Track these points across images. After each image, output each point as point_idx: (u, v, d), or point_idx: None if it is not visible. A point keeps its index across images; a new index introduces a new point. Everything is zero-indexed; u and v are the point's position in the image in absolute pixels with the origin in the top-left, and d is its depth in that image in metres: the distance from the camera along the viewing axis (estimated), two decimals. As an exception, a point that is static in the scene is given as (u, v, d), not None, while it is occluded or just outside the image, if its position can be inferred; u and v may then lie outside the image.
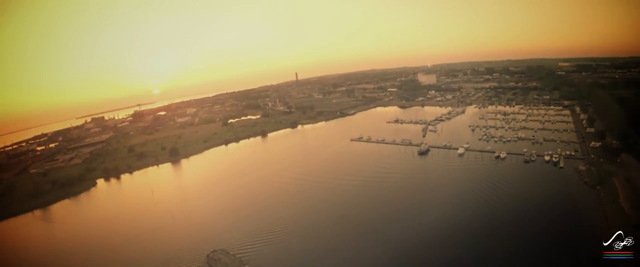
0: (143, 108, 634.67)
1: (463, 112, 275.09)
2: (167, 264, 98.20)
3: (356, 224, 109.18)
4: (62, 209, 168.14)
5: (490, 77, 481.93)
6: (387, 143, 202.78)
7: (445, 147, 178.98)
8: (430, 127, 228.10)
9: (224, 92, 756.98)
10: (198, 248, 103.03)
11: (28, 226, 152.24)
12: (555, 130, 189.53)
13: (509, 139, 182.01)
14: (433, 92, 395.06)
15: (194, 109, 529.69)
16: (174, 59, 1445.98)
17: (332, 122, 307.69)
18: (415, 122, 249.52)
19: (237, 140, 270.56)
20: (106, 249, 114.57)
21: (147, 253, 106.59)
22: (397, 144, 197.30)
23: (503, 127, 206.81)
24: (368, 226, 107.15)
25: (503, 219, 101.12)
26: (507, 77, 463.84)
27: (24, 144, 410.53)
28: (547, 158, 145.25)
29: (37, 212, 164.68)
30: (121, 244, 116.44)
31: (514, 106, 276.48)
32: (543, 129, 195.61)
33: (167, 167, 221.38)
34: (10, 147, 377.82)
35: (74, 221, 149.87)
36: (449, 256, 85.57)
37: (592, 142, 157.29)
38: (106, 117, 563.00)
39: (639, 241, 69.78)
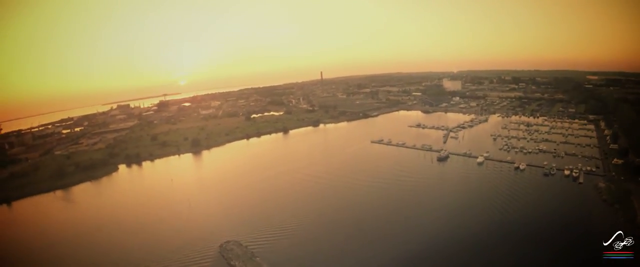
0: (168, 98, 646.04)
1: (486, 120, 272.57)
2: (181, 250, 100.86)
3: (373, 226, 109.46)
4: (83, 191, 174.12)
5: (516, 86, 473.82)
6: (407, 147, 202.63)
7: (465, 154, 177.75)
8: (451, 134, 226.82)
9: (249, 87, 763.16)
10: (212, 237, 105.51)
11: (49, 205, 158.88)
12: (578, 144, 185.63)
13: (530, 150, 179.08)
14: (457, 98, 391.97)
15: (218, 102, 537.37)
16: (202, 52, 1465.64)
17: (354, 123, 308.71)
18: (437, 128, 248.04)
19: (258, 135, 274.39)
20: (123, 231, 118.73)
21: (163, 238, 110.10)
22: (417, 148, 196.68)
23: (525, 138, 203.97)
24: (384, 228, 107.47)
25: (513, 228, 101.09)
26: (533, 87, 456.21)
27: (50, 126, 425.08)
28: (567, 172, 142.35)
29: (59, 193, 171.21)
30: (138, 228, 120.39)
31: (538, 117, 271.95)
32: (565, 142, 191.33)
33: (188, 157, 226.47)
34: (37, 129, 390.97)
35: (94, 203, 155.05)
36: (459, 261, 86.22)
37: (615, 159, 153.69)
38: (132, 105, 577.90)
39: (639, 241, 69.63)
